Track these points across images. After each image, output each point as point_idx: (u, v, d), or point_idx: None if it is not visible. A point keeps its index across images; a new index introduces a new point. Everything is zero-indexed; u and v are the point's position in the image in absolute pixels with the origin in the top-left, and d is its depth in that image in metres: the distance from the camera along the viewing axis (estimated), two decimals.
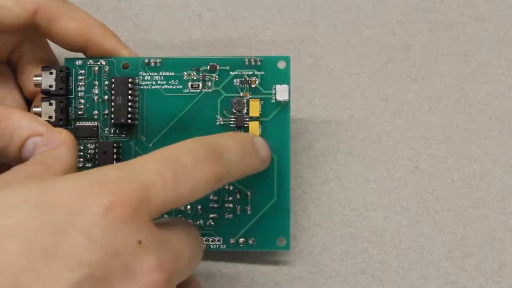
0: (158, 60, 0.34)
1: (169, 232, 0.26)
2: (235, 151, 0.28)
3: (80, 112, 0.34)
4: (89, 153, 0.33)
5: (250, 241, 0.33)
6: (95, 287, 0.22)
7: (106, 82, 0.33)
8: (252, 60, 0.33)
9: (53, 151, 0.29)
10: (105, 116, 0.33)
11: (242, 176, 0.29)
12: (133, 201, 0.23)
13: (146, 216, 0.24)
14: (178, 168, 0.25)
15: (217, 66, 0.33)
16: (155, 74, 0.34)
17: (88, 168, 0.33)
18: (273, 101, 0.33)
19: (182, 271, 0.26)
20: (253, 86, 0.33)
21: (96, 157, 0.33)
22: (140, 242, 0.23)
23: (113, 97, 0.33)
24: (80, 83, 0.34)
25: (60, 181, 0.24)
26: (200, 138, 0.27)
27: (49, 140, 0.30)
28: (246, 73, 0.33)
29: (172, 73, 0.34)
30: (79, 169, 0.33)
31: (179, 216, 0.33)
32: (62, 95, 0.33)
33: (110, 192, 0.23)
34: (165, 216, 0.33)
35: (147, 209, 0.24)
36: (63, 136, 0.30)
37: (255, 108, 0.33)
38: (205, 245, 0.33)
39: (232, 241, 0.33)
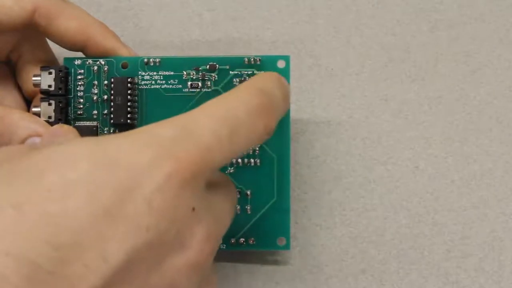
0: (157, 60, 0.34)
1: (216, 196, 0.25)
2: (279, 96, 0.27)
3: (79, 112, 0.34)
4: None
5: (250, 241, 0.33)
6: (151, 254, 0.22)
7: (106, 82, 0.33)
8: (252, 59, 0.33)
9: (63, 138, 0.29)
10: (105, 116, 0.33)
11: None
12: (193, 167, 0.22)
13: (202, 181, 0.23)
14: (233, 124, 0.24)
15: (217, 65, 0.33)
16: (155, 73, 0.34)
17: None
18: None
19: (222, 237, 0.26)
20: None
21: None
22: (193, 209, 0.23)
23: (112, 97, 0.33)
24: (79, 83, 0.33)
25: (118, 139, 0.23)
26: (252, 84, 0.26)
27: (54, 133, 0.29)
28: (246, 72, 0.33)
29: (172, 73, 0.34)
30: None
31: None
32: (61, 95, 0.33)
33: (169, 155, 0.22)
34: None
35: (203, 174, 0.23)
36: (65, 127, 0.30)
37: None
38: None
39: (232, 241, 0.33)
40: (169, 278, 0.23)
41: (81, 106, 0.34)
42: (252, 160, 0.33)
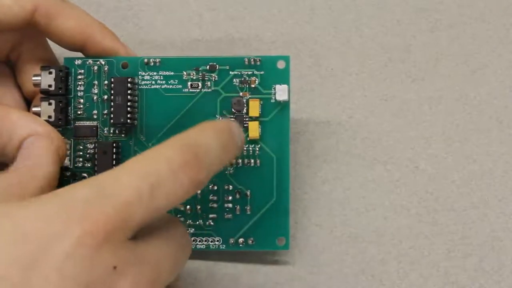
0: (157, 60, 0.34)
1: (149, 243, 0.24)
2: (215, 148, 0.26)
3: (79, 112, 0.34)
4: (89, 153, 0.33)
5: (250, 241, 0.33)
6: None
7: (106, 82, 0.33)
8: (252, 59, 0.33)
9: (28, 169, 0.29)
10: (105, 116, 0.33)
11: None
12: (107, 226, 0.22)
13: (122, 237, 0.23)
14: (155, 180, 0.23)
15: (217, 65, 0.33)
16: (155, 73, 0.34)
17: (87, 167, 0.33)
18: (272, 101, 0.33)
19: (164, 281, 0.25)
20: (252, 86, 0.33)
21: (96, 157, 0.33)
22: (115, 267, 0.22)
23: (112, 97, 0.33)
24: (80, 83, 0.34)
25: (28, 209, 0.22)
26: (178, 139, 0.25)
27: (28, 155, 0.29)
28: (246, 72, 0.33)
29: (172, 73, 0.34)
30: (78, 169, 0.33)
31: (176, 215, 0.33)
32: (61, 95, 0.33)
33: (81, 219, 0.22)
34: None
35: (123, 230, 0.23)
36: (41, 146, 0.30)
37: (254, 108, 0.33)
38: (204, 245, 0.33)
39: (231, 241, 0.33)
40: None
41: (81, 106, 0.34)
42: (251, 160, 0.33)
